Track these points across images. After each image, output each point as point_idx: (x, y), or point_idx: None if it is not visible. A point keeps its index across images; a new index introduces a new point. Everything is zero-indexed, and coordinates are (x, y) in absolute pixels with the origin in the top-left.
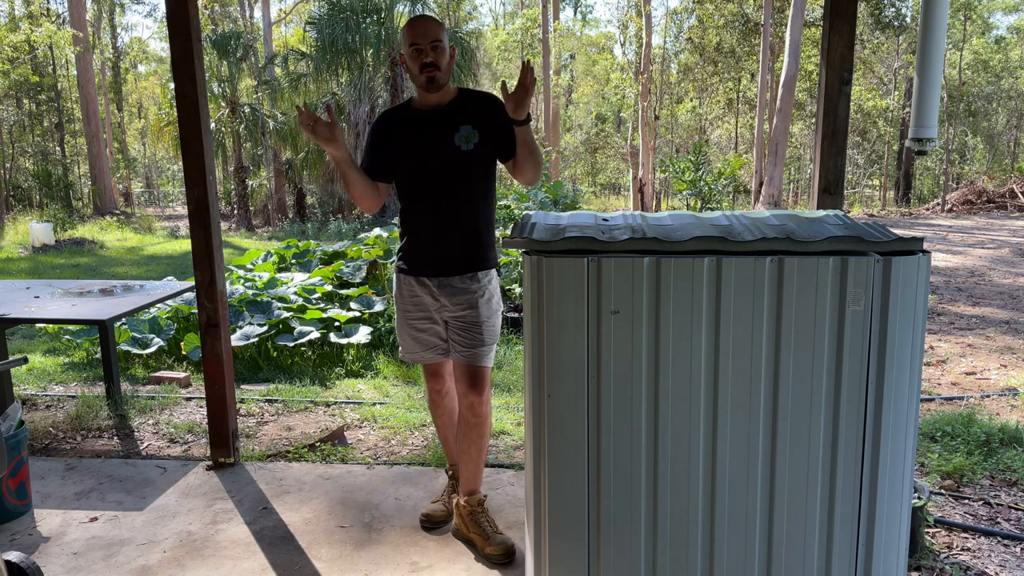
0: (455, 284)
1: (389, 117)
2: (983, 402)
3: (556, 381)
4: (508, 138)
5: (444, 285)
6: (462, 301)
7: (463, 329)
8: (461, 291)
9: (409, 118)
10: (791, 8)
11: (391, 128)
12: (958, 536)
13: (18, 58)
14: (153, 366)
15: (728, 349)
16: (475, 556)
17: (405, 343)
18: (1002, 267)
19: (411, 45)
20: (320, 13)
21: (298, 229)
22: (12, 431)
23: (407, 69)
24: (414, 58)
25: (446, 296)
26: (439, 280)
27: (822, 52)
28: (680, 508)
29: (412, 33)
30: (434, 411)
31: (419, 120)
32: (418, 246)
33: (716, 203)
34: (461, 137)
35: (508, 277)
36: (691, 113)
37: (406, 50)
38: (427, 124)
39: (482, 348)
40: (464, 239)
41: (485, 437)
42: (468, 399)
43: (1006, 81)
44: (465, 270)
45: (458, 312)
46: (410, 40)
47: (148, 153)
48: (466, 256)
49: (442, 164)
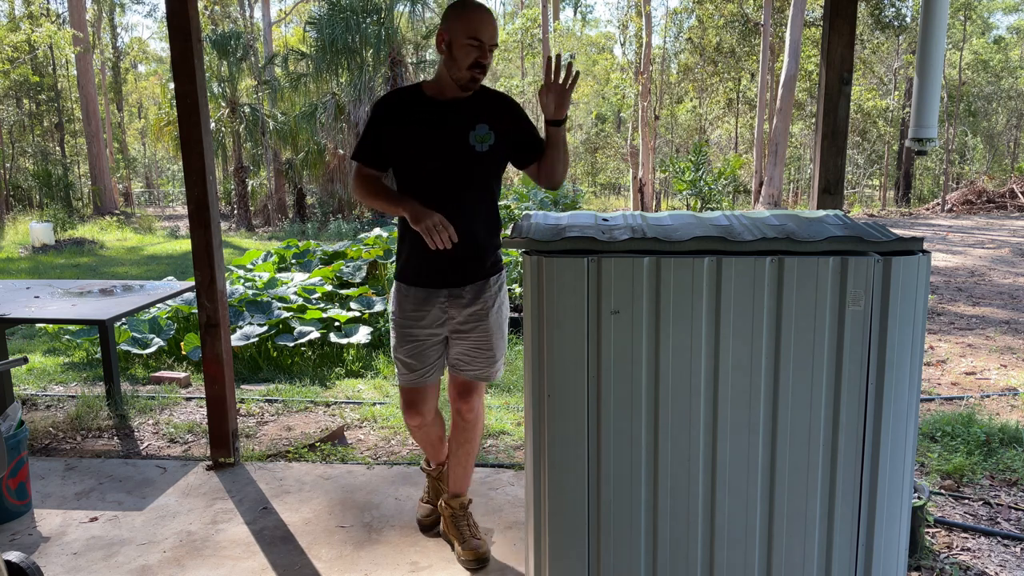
0: (465, 294)
1: (396, 100)
2: (983, 402)
3: (556, 381)
4: (527, 143)
5: (454, 296)
6: (472, 313)
7: (473, 347)
8: (471, 302)
9: (421, 106)
10: (791, 8)
11: (398, 114)
12: (958, 536)
13: (18, 58)
14: (153, 366)
15: (728, 349)
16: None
17: (408, 365)
18: (1002, 267)
19: (471, 38)
20: (320, 13)
21: (298, 229)
22: (12, 431)
23: (447, 54)
24: (467, 52)
25: (456, 308)
26: (449, 291)
27: (822, 52)
28: (680, 508)
29: (476, 27)
30: (415, 437)
31: (433, 110)
32: (424, 255)
33: (716, 203)
34: (476, 136)
35: (508, 277)
36: (691, 113)
37: (460, 39)
38: (442, 116)
39: (493, 366)
40: (475, 247)
41: (475, 441)
42: (458, 405)
43: (1006, 81)
44: (476, 278)
45: (468, 326)
46: (471, 32)
47: (148, 153)
48: (476, 264)
49: (454, 163)
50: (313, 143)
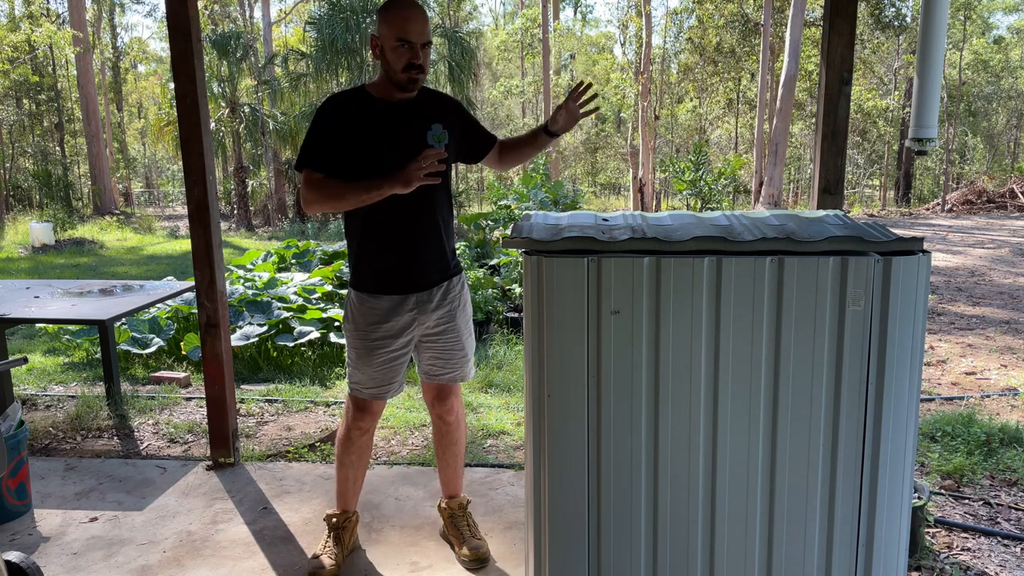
0: (434, 298)
1: (345, 101)
2: (983, 402)
3: (556, 381)
4: (477, 140)
5: (422, 301)
6: (442, 316)
7: (445, 349)
8: (439, 304)
9: (372, 109)
10: (791, 8)
11: (347, 117)
12: (958, 536)
13: (18, 58)
14: (153, 366)
15: (728, 349)
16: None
17: (372, 378)
18: (1002, 267)
19: (399, 40)
20: (320, 13)
21: (298, 229)
22: (12, 431)
23: (380, 57)
24: (399, 54)
25: (424, 313)
26: (417, 296)
27: (822, 52)
28: (680, 508)
29: (402, 26)
30: (347, 448)
31: (386, 113)
32: (389, 260)
33: (716, 203)
34: (433, 136)
35: (508, 277)
36: (691, 113)
37: (389, 42)
38: (397, 119)
39: (467, 365)
40: (439, 247)
41: (462, 442)
42: (438, 410)
43: (1006, 81)
44: (442, 279)
45: (438, 329)
46: (398, 34)
47: (148, 153)
48: (441, 264)
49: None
50: None
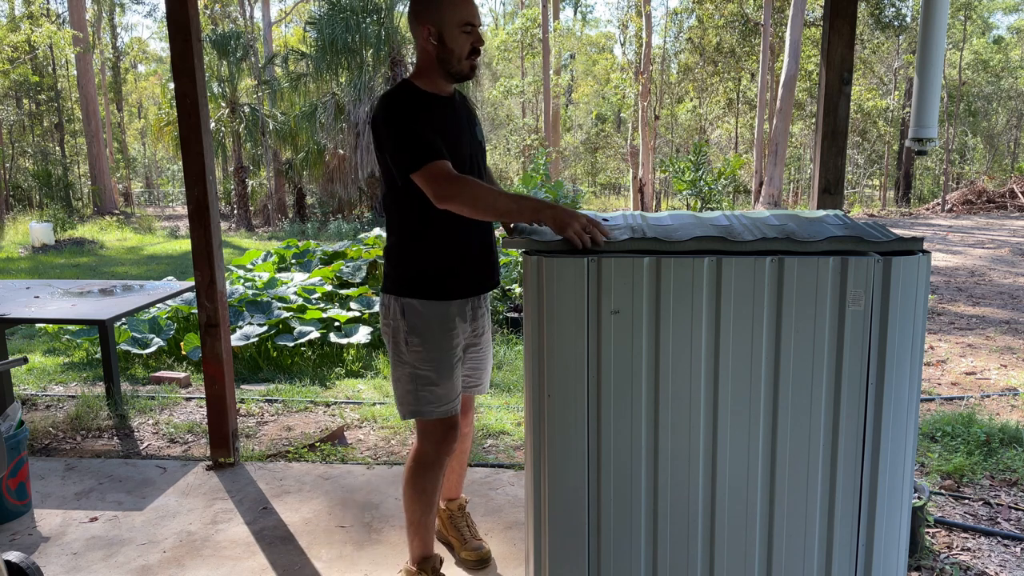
0: (482, 303)
1: (419, 94)
2: (983, 402)
3: (556, 381)
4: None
5: (476, 306)
6: (482, 323)
7: (482, 358)
8: (484, 309)
9: (441, 103)
10: (791, 8)
11: (430, 110)
12: (958, 536)
13: (18, 58)
14: (153, 366)
15: (728, 349)
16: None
17: (455, 388)
18: (1002, 267)
19: (466, 24)
20: (320, 13)
21: (298, 229)
22: (12, 431)
23: (434, 47)
24: (464, 40)
25: (474, 319)
26: (479, 298)
27: (822, 52)
28: (680, 508)
29: (468, 8)
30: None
31: (451, 107)
32: (470, 259)
33: (716, 203)
34: (479, 131)
35: (508, 277)
36: (691, 113)
37: (452, 28)
38: (459, 113)
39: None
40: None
41: (468, 450)
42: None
43: (1006, 81)
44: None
45: (479, 338)
46: (465, 17)
47: (148, 153)
48: (498, 264)
49: (478, 159)
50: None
